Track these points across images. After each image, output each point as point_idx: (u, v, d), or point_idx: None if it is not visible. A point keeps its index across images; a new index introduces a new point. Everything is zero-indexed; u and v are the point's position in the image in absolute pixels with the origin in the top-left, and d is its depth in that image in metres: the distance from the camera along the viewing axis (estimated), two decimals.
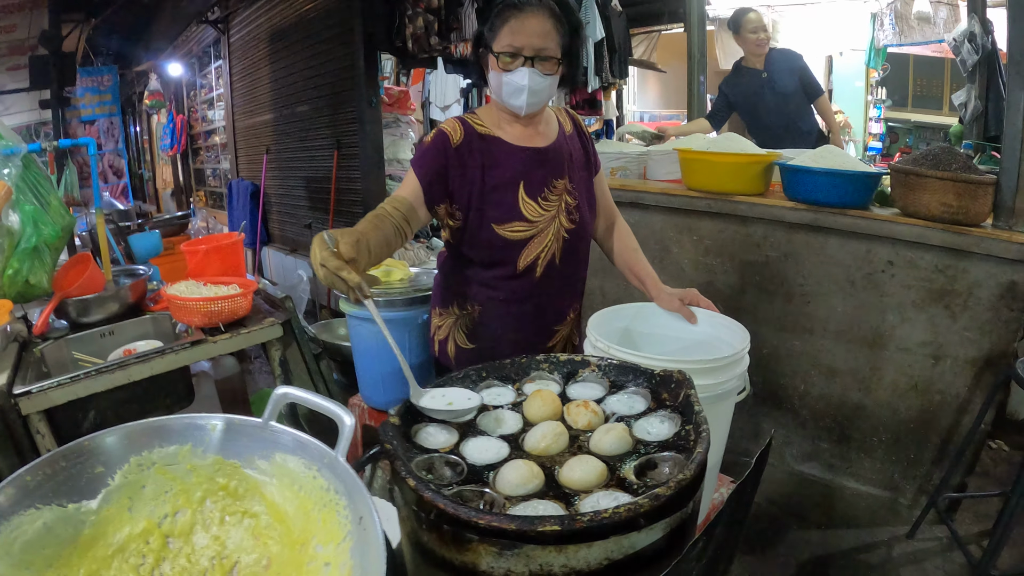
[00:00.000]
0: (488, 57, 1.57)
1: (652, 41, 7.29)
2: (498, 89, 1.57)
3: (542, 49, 1.51)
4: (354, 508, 0.79)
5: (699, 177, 2.83)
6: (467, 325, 1.74)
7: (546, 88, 1.56)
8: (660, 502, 0.71)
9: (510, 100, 1.57)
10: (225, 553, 0.89)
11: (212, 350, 2.31)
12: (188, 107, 10.23)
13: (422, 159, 1.58)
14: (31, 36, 6.22)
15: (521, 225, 1.61)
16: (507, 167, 1.61)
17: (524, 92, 1.53)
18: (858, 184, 2.36)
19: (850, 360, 2.49)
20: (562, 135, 1.72)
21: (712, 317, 1.64)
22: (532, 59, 1.51)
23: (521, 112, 1.58)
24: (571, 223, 1.68)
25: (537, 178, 1.63)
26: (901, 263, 2.30)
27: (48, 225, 2.39)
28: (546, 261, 1.66)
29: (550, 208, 1.64)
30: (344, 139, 5.52)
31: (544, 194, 1.64)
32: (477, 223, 1.60)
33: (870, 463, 2.50)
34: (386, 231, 1.41)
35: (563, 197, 1.67)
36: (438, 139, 1.58)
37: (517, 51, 1.50)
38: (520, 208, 1.61)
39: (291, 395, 0.92)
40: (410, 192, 1.55)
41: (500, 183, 1.60)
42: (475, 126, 1.62)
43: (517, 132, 1.64)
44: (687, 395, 0.99)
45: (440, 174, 1.57)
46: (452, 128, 1.60)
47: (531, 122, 1.66)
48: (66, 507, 0.84)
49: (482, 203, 1.59)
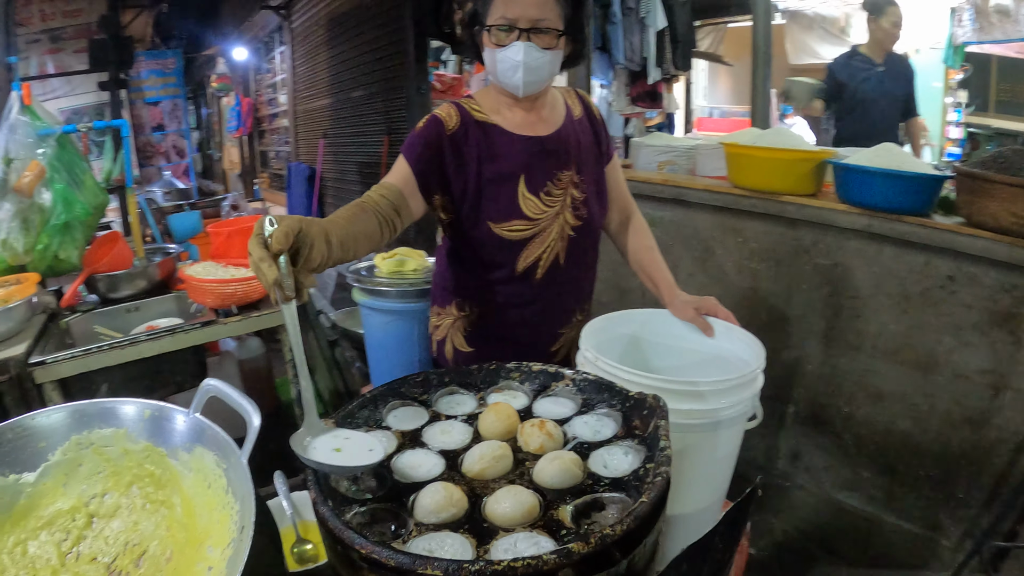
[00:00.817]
0: (482, 34, 1.41)
1: (719, 33, 7.02)
2: (493, 68, 1.42)
3: (539, 20, 1.35)
4: (242, 515, 0.75)
5: (745, 174, 2.64)
6: (465, 327, 1.61)
7: (546, 64, 1.40)
8: (571, 560, 0.59)
9: (506, 79, 1.41)
10: (137, 540, 0.89)
11: (221, 331, 2.30)
12: (254, 91, 10.49)
13: (413, 146, 1.42)
14: (94, 21, 6.49)
15: (521, 223, 1.46)
16: (506, 159, 1.46)
17: (520, 68, 1.37)
18: (918, 188, 2.12)
19: (900, 384, 2.26)
20: (569, 120, 1.57)
21: (730, 330, 1.48)
22: (528, 32, 1.35)
23: (519, 92, 1.42)
24: (577, 219, 1.53)
25: (540, 171, 1.48)
26: (962, 279, 2.07)
27: (79, 203, 2.43)
28: (548, 262, 1.52)
29: (554, 204, 1.50)
30: (395, 125, 5.52)
31: (547, 188, 1.49)
32: (472, 220, 1.46)
33: (914, 498, 2.27)
34: (366, 224, 1.24)
35: (569, 191, 1.52)
36: (431, 125, 1.44)
37: (511, 23, 1.35)
38: (520, 205, 1.46)
39: (214, 387, 0.90)
40: (400, 179, 1.39)
41: (498, 176, 1.45)
42: (472, 112, 1.47)
43: (518, 118, 1.50)
44: (657, 426, 0.85)
45: (434, 162, 1.42)
46: (447, 114, 1.46)
47: (533, 106, 1.51)
48: (7, 477, 0.87)
49: (477, 198, 1.45)
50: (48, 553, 0.86)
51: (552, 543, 0.69)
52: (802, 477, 2.61)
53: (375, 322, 2.25)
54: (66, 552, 0.87)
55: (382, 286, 2.17)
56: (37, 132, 2.38)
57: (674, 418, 1.02)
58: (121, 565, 0.86)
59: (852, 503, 2.44)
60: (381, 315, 2.22)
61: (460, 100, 1.51)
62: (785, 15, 6.36)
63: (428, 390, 1.06)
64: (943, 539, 2.20)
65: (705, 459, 1.26)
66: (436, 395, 1.05)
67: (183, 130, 8.27)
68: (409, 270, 2.26)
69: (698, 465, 1.25)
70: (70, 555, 0.87)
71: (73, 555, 0.87)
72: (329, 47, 6.65)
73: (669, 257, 2.86)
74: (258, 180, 10.70)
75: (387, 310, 2.20)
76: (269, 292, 0.88)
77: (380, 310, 2.21)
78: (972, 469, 2.12)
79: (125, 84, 6.52)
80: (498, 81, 1.45)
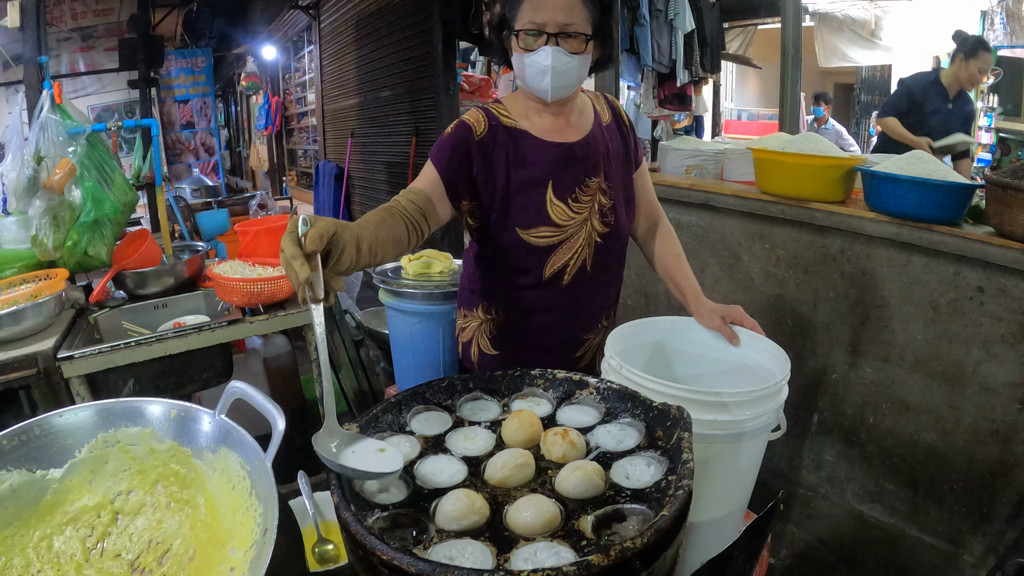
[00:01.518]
0: (510, 39, 1.41)
1: (748, 35, 6.96)
2: (521, 72, 1.42)
3: (567, 25, 1.34)
4: (265, 518, 0.76)
5: (773, 180, 2.61)
6: (491, 331, 1.61)
7: (574, 69, 1.39)
8: (591, 572, 0.59)
9: (534, 84, 1.41)
10: (160, 538, 0.90)
11: (248, 330, 2.32)
12: (283, 89, 10.59)
13: (441, 151, 1.42)
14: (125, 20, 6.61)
15: (548, 230, 1.46)
16: (534, 165, 1.45)
17: (548, 73, 1.37)
18: (948, 196, 2.08)
19: (926, 395, 2.23)
20: (598, 126, 1.56)
21: (755, 340, 1.46)
22: (556, 36, 1.35)
23: (547, 97, 1.41)
24: (605, 226, 1.52)
25: (568, 177, 1.47)
26: (992, 290, 2.03)
27: (108, 200, 2.47)
28: (575, 269, 1.51)
29: (581, 210, 1.49)
30: (422, 125, 5.54)
31: (575, 195, 1.48)
32: (499, 226, 1.46)
33: (937, 512, 2.23)
34: (395, 229, 1.24)
35: (597, 197, 1.51)
36: (459, 130, 1.44)
37: (539, 28, 1.34)
38: (548, 211, 1.45)
39: (240, 390, 0.90)
40: (428, 184, 1.39)
41: (526, 183, 1.45)
42: (500, 117, 1.47)
43: (546, 124, 1.49)
44: (680, 438, 0.85)
45: (461, 168, 1.42)
46: (475, 119, 1.45)
47: (561, 111, 1.50)
48: (34, 473, 0.89)
49: (505, 204, 1.45)
50: (73, 548, 0.88)
51: (572, 554, 0.69)
52: (824, 487, 2.58)
53: (400, 323, 2.26)
54: (90, 548, 0.89)
55: (408, 288, 2.18)
56: (67, 130, 2.42)
57: (697, 428, 1.02)
58: (144, 562, 0.87)
59: (874, 515, 2.41)
60: (406, 316, 2.23)
61: (488, 105, 1.51)
62: (814, 17, 6.30)
63: (452, 395, 1.06)
64: (966, 554, 2.16)
65: (728, 469, 1.24)
66: (460, 401, 1.05)
67: (212, 128, 8.37)
68: (435, 272, 2.27)
69: (720, 475, 1.24)
70: (94, 551, 0.89)
71: (97, 551, 0.89)
72: (357, 47, 6.70)
73: (695, 263, 2.85)
74: (286, 178, 10.82)
75: (413, 312, 2.21)
76: (298, 291, 0.89)
77: (406, 311, 2.22)
78: (997, 484, 2.08)
79: (155, 82, 6.62)
80: (526, 86, 1.45)
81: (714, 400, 1.15)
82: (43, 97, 2.43)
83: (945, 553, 2.20)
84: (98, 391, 2.10)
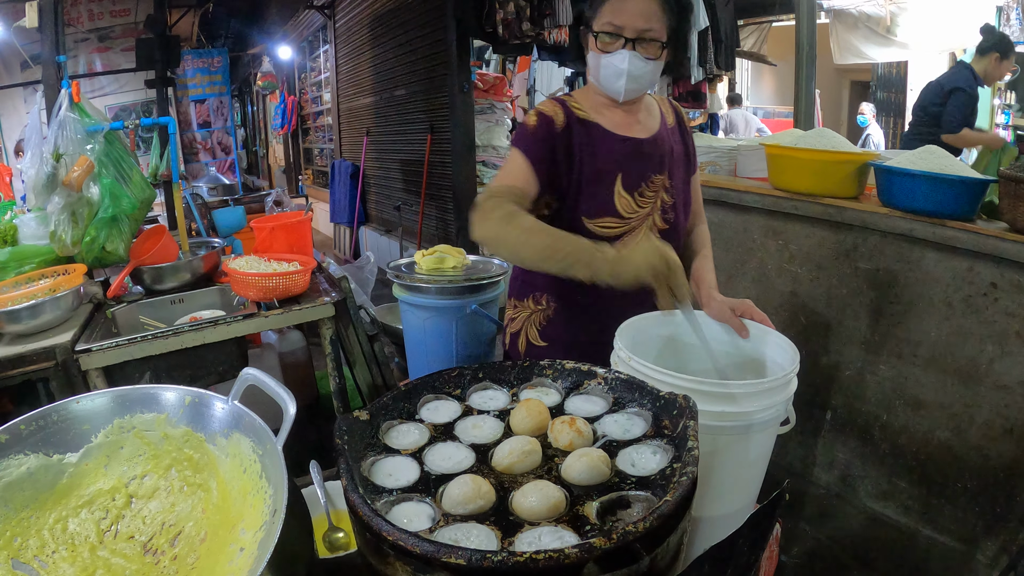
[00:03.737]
0: (588, 36, 1.46)
1: (763, 33, 6.93)
2: (596, 71, 1.47)
3: (645, 31, 1.39)
4: (275, 499, 0.77)
5: (786, 176, 2.60)
6: (540, 321, 1.64)
7: (648, 74, 1.44)
8: (592, 555, 0.60)
9: (608, 84, 1.46)
10: (173, 520, 0.92)
11: (263, 324, 2.34)
12: (299, 89, 10.66)
13: (530, 143, 1.45)
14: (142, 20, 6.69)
15: (613, 221, 1.49)
16: (605, 157, 1.49)
17: (623, 76, 1.42)
18: (962, 192, 2.07)
19: (940, 393, 2.21)
20: (664, 127, 1.59)
21: (764, 333, 1.46)
22: (633, 41, 1.40)
23: (619, 98, 1.47)
24: (665, 223, 1.56)
25: (635, 171, 1.51)
26: (1006, 286, 2.01)
27: (126, 197, 2.50)
28: None
29: (645, 205, 1.52)
30: (437, 123, 5.56)
31: (641, 189, 1.51)
32: (568, 214, 1.49)
33: (951, 511, 2.21)
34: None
35: (660, 194, 1.54)
36: (543, 123, 1.47)
37: (618, 31, 1.40)
38: (615, 202, 1.49)
39: (252, 376, 0.92)
40: (524, 180, 1.43)
41: (597, 173, 1.48)
42: (574, 110, 1.50)
43: (617, 119, 1.52)
44: (686, 426, 0.85)
45: (548, 160, 1.45)
46: (553, 110, 1.49)
47: (631, 109, 1.54)
48: (51, 457, 0.90)
49: (576, 193, 1.48)
50: (87, 530, 0.89)
51: (576, 538, 0.69)
52: (837, 485, 2.57)
53: (414, 318, 2.28)
54: (104, 530, 0.90)
55: (421, 283, 2.20)
56: (86, 128, 2.45)
57: (705, 420, 1.02)
58: (157, 544, 0.89)
59: (887, 513, 2.39)
60: (420, 311, 2.25)
61: (561, 98, 1.54)
62: (829, 14, 6.25)
63: (462, 385, 1.07)
64: (979, 554, 2.14)
65: (736, 462, 1.24)
66: (469, 390, 1.06)
67: (228, 127, 8.46)
68: (448, 267, 2.28)
69: (729, 468, 1.24)
70: (108, 533, 0.90)
71: (111, 533, 0.90)
72: (372, 46, 6.73)
73: None
74: (302, 177, 10.89)
75: (426, 306, 2.23)
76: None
77: (419, 306, 2.24)
78: (1012, 483, 2.07)
79: (172, 82, 6.70)
80: (599, 84, 1.49)
81: (722, 391, 1.15)
82: (61, 96, 2.47)
83: (959, 552, 2.18)
84: (115, 383, 2.12)
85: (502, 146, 5.55)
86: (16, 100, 7.58)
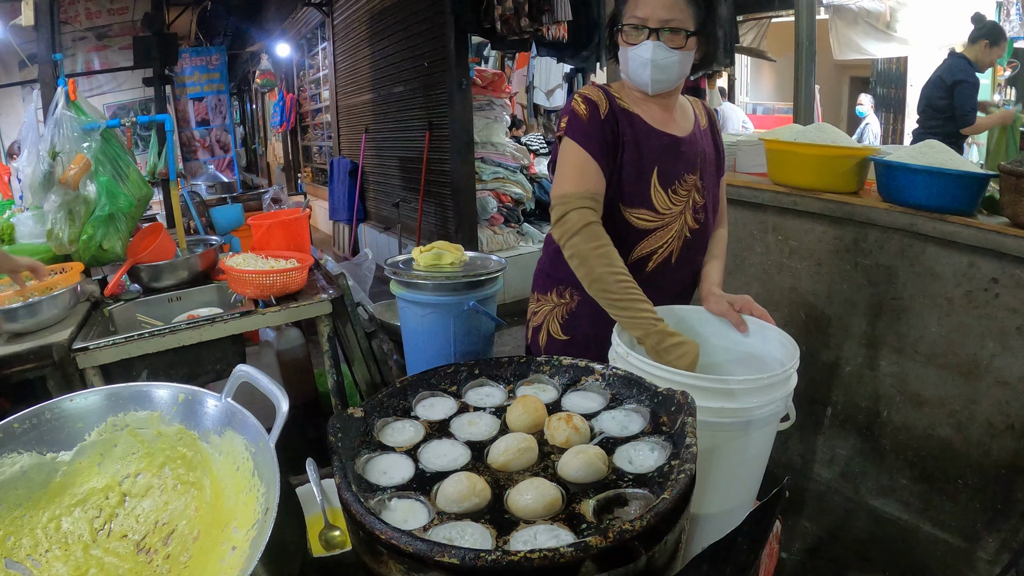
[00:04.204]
0: (618, 34, 1.48)
1: (762, 28, 6.90)
2: (625, 65, 1.48)
3: (668, 20, 1.39)
4: (267, 497, 0.77)
5: (785, 171, 2.59)
6: (563, 315, 1.64)
7: (675, 64, 1.43)
8: (588, 554, 0.59)
9: (636, 76, 1.47)
10: (166, 519, 0.92)
11: (260, 321, 2.33)
12: (298, 86, 10.64)
13: (588, 134, 1.45)
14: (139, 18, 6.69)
15: (648, 214, 1.50)
16: (645, 149, 1.49)
17: (648, 66, 1.42)
18: (962, 186, 2.05)
19: (940, 389, 2.20)
20: (697, 128, 1.60)
21: (763, 328, 1.46)
22: (657, 31, 1.40)
23: (648, 90, 1.47)
24: (696, 223, 1.56)
25: (672, 168, 1.52)
26: (1007, 282, 2.00)
27: (123, 195, 2.50)
28: (662, 258, 1.55)
29: (679, 202, 1.53)
30: (436, 120, 5.55)
31: (675, 186, 1.52)
32: (608, 200, 1.49)
33: (951, 507, 2.20)
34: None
35: (692, 194, 1.55)
36: (594, 110, 1.46)
37: (642, 22, 1.41)
38: (651, 196, 1.50)
39: (245, 373, 0.91)
40: (596, 182, 1.44)
41: (637, 164, 1.49)
42: (616, 99, 1.50)
43: (654, 114, 1.53)
44: (684, 423, 0.84)
45: (607, 147, 1.45)
46: (597, 96, 1.48)
47: (667, 106, 1.54)
48: (44, 455, 0.91)
49: (619, 180, 1.49)
50: (81, 529, 0.89)
51: (572, 537, 0.69)
52: (837, 481, 2.56)
53: (412, 315, 2.27)
54: (98, 529, 0.90)
55: (419, 279, 2.19)
56: (82, 126, 2.45)
57: (704, 416, 1.01)
58: (150, 543, 0.89)
59: (888, 510, 2.38)
60: (418, 308, 2.23)
61: (602, 86, 1.54)
62: (829, 9, 6.23)
63: (458, 381, 1.06)
64: (980, 551, 2.13)
65: (735, 459, 1.24)
66: (466, 386, 1.05)
67: (227, 125, 8.46)
68: (446, 264, 2.27)
69: (728, 464, 1.23)
70: (102, 532, 0.90)
71: (105, 532, 0.90)
72: (370, 43, 6.71)
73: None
74: (301, 174, 10.88)
75: (424, 303, 2.22)
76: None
77: (417, 303, 2.23)
78: (1013, 479, 2.05)
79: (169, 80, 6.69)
80: (628, 77, 1.50)
81: (721, 387, 1.14)
82: (58, 94, 2.46)
83: (959, 549, 2.17)
84: (112, 382, 2.09)
85: (500, 142, 5.53)
86: (14, 99, 7.57)
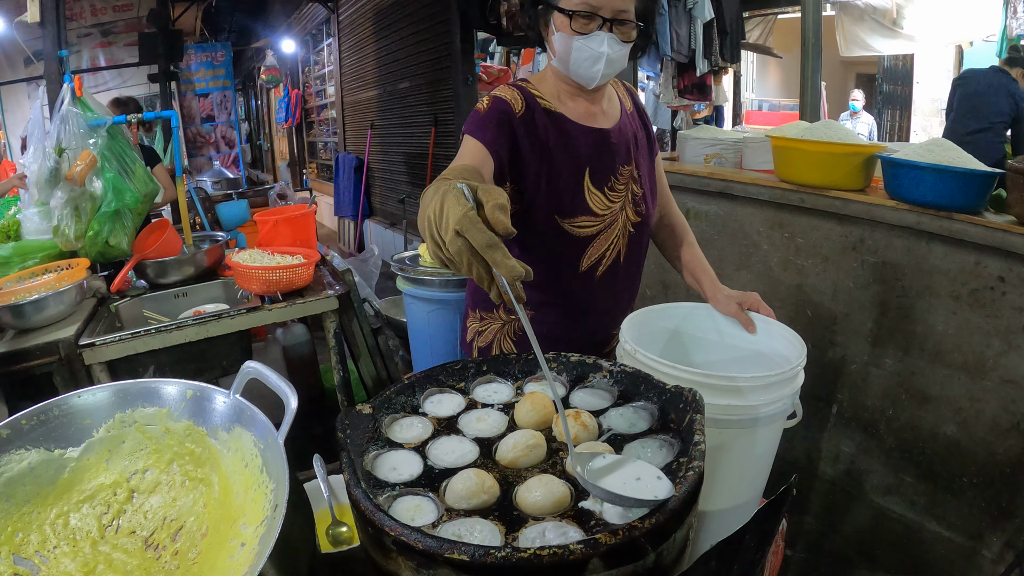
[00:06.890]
0: (552, 16, 1.33)
1: (768, 24, 6.88)
2: (566, 55, 1.33)
3: (622, 11, 1.28)
4: (276, 494, 0.76)
5: (792, 168, 2.58)
6: (516, 331, 1.52)
7: (623, 59, 1.34)
8: (598, 551, 0.59)
9: (581, 69, 1.34)
10: (175, 515, 0.91)
11: (267, 317, 2.33)
12: (303, 82, 10.65)
13: (483, 128, 1.30)
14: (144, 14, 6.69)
15: (587, 219, 1.40)
16: (572, 151, 1.38)
17: (601, 60, 1.31)
18: (969, 184, 2.04)
19: (946, 387, 2.19)
20: (624, 113, 1.51)
21: (770, 326, 1.45)
22: (611, 22, 1.29)
23: (591, 84, 1.36)
24: (637, 216, 1.48)
25: (604, 165, 1.42)
26: (1014, 280, 1.99)
27: (129, 191, 2.50)
28: (610, 260, 1.46)
29: (617, 200, 1.44)
30: (441, 116, 5.56)
31: (611, 183, 1.42)
32: (538, 213, 1.38)
33: (956, 506, 2.19)
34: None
35: (629, 186, 1.46)
36: (499, 106, 1.33)
37: (594, 11, 1.27)
38: (586, 199, 1.40)
39: (254, 370, 0.91)
40: (478, 161, 1.25)
41: (565, 169, 1.38)
42: (536, 98, 1.38)
43: (580, 109, 1.42)
44: (692, 420, 0.84)
45: (507, 146, 1.31)
46: (511, 96, 1.36)
47: (595, 98, 1.44)
48: (52, 452, 0.90)
49: (547, 190, 1.37)
50: (89, 525, 0.89)
51: (581, 533, 0.69)
52: (842, 479, 2.55)
53: (418, 310, 2.28)
54: (106, 525, 0.90)
55: (425, 275, 2.20)
56: (88, 123, 2.45)
57: (712, 413, 1.01)
58: (158, 539, 0.89)
59: (893, 508, 2.38)
60: (424, 304, 2.25)
61: (518, 83, 1.42)
62: (835, 6, 6.20)
63: (465, 378, 1.06)
64: (984, 550, 2.13)
65: (742, 456, 1.24)
66: (473, 383, 1.05)
67: (232, 121, 8.47)
68: None
69: (735, 462, 1.23)
70: (110, 528, 0.90)
71: (113, 528, 0.90)
72: (376, 39, 6.72)
73: (713, 251, 2.83)
74: (306, 170, 10.90)
75: (429, 299, 2.23)
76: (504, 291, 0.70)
77: (423, 299, 2.24)
78: (1018, 478, 2.05)
79: (175, 76, 6.71)
80: (567, 69, 1.37)
81: (728, 385, 1.14)
82: (64, 90, 2.46)
83: (964, 548, 2.17)
84: (118, 378, 2.13)
85: None
86: (20, 96, 7.60)
